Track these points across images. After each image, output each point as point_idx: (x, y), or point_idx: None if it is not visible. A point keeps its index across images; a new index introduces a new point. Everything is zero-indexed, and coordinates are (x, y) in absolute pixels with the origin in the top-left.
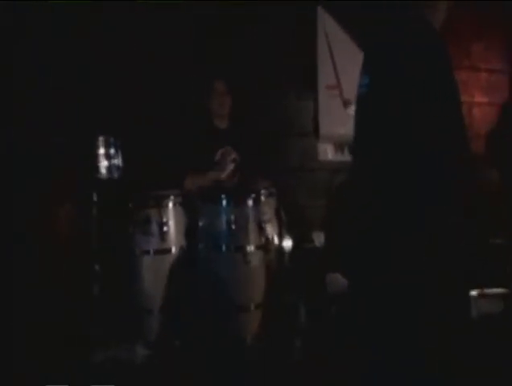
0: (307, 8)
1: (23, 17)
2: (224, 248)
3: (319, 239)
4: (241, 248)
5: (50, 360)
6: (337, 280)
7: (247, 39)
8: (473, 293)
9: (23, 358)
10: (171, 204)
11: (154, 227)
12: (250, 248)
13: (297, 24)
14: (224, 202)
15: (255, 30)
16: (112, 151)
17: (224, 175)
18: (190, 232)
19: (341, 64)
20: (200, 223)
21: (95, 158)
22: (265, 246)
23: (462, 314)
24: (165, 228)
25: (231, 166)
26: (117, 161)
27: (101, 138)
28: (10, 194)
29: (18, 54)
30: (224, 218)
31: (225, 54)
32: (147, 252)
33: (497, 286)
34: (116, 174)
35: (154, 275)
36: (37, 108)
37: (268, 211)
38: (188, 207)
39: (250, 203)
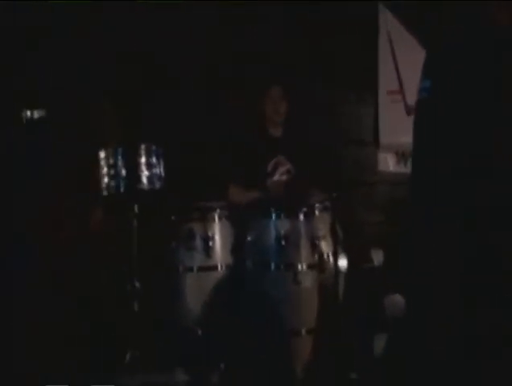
0: (367, 5)
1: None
2: (272, 266)
3: (378, 257)
4: (291, 267)
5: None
6: (397, 302)
7: (303, 39)
8: None
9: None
10: (216, 217)
11: (199, 242)
12: (302, 266)
13: (357, 23)
14: (274, 215)
15: (311, 29)
16: (154, 160)
17: (275, 188)
18: (237, 247)
19: (405, 67)
20: (248, 239)
21: (136, 167)
22: (318, 265)
23: None
24: (210, 243)
25: (283, 178)
26: (159, 170)
27: (142, 146)
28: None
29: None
30: (273, 233)
31: (281, 56)
32: (191, 269)
33: None
34: (158, 185)
35: (197, 294)
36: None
37: (322, 227)
38: (235, 221)
39: (303, 217)
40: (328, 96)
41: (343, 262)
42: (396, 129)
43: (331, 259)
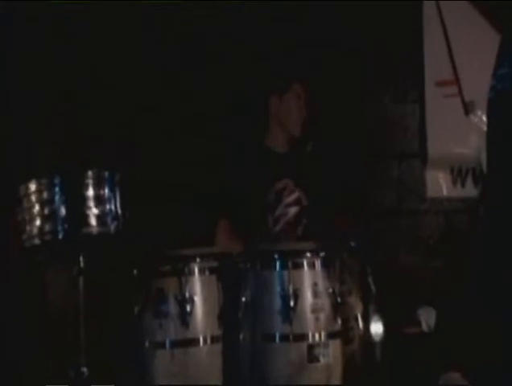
0: None
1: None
2: (278, 337)
3: (428, 320)
4: (304, 338)
5: None
6: (456, 383)
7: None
8: None
9: None
10: (196, 271)
11: (172, 307)
12: (320, 336)
13: None
14: (278, 265)
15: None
16: (106, 192)
17: (279, 227)
18: (226, 312)
19: (461, 49)
20: (243, 300)
21: (81, 203)
22: (343, 333)
23: None
24: (188, 308)
25: (292, 211)
26: (115, 206)
27: (89, 173)
28: None
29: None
30: (278, 290)
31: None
32: (162, 345)
33: None
34: (113, 227)
35: (173, 379)
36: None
37: (347, 278)
38: (224, 275)
39: (320, 266)
40: (353, 93)
41: (377, 327)
42: (450, 135)
43: (360, 324)
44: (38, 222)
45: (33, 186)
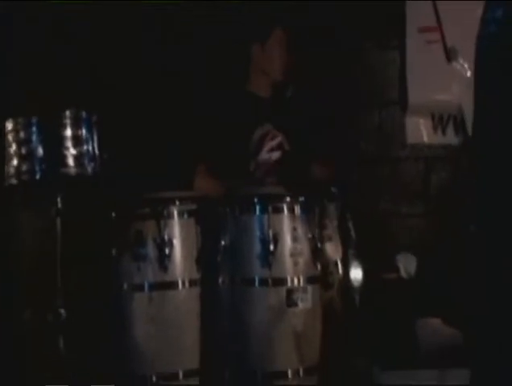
0: None
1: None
2: (257, 281)
3: (407, 266)
4: (283, 282)
5: None
6: (435, 328)
7: None
8: None
9: None
10: (175, 213)
11: (151, 250)
12: (298, 281)
13: None
14: (258, 209)
15: None
16: (84, 133)
17: (261, 173)
18: (205, 256)
19: None
20: (222, 243)
21: (59, 143)
22: (321, 278)
23: None
24: (167, 251)
25: (273, 156)
26: (92, 147)
27: (67, 113)
28: None
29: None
30: (257, 234)
31: None
32: (140, 288)
33: None
34: (90, 168)
35: (150, 323)
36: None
37: (328, 224)
38: (203, 219)
39: (299, 210)
40: (334, 39)
41: (357, 273)
42: (432, 82)
43: (339, 269)
44: (15, 162)
45: (9, 126)
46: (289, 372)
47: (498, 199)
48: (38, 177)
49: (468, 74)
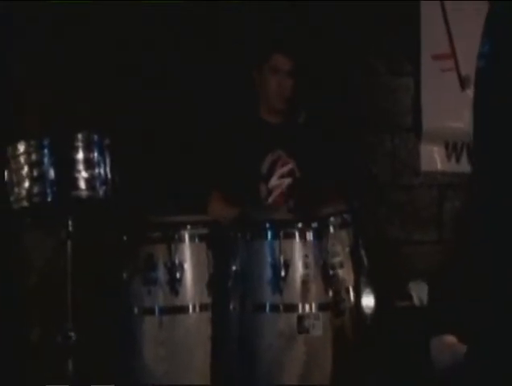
0: None
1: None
2: (268, 307)
3: (419, 293)
4: (294, 308)
5: None
6: (450, 346)
7: None
8: None
9: None
10: (187, 238)
11: (162, 274)
12: (310, 307)
13: None
14: (270, 235)
15: None
16: (96, 156)
17: (272, 199)
18: (216, 280)
19: (459, 24)
20: (233, 268)
21: (71, 166)
22: (333, 305)
23: None
24: (178, 275)
25: (284, 182)
26: (104, 170)
27: (79, 136)
28: None
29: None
30: (268, 260)
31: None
32: (151, 312)
33: None
34: (102, 191)
35: (160, 347)
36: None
37: (339, 250)
38: (214, 243)
39: (311, 237)
40: (349, 65)
41: (368, 300)
42: (446, 109)
43: (351, 296)
44: (26, 184)
45: (21, 148)
46: None
47: (503, 214)
48: (49, 199)
49: None
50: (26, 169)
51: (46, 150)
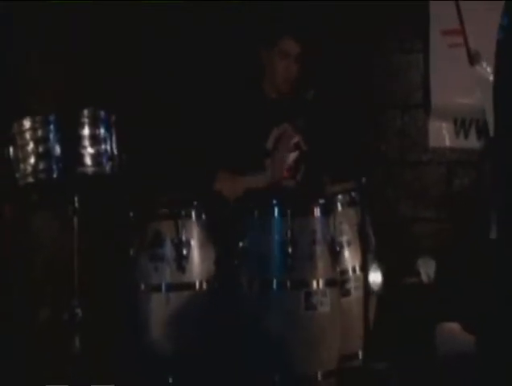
0: None
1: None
2: (275, 284)
3: (427, 270)
4: (302, 285)
5: None
6: (454, 334)
7: None
8: None
9: None
10: (194, 215)
11: (169, 250)
12: (317, 284)
13: None
14: (277, 212)
15: None
16: (102, 132)
17: (278, 174)
18: (223, 257)
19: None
20: (240, 245)
21: (77, 142)
22: (341, 281)
23: None
24: (185, 252)
25: (291, 157)
26: (110, 146)
27: (85, 112)
28: None
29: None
30: (276, 237)
31: None
32: (158, 288)
33: None
34: (108, 167)
35: (167, 323)
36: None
37: (347, 228)
38: (221, 220)
39: (319, 214)
40: (357, 42)
41: (376, 277)
42: (455, 85)
43: (358, 273)
44: (32, 160)
45: (27, 124)
46: (307, 376)
47: None
48: (55, 176)
49: (491, 78)
50: (31, 145)
51: (52, 126)
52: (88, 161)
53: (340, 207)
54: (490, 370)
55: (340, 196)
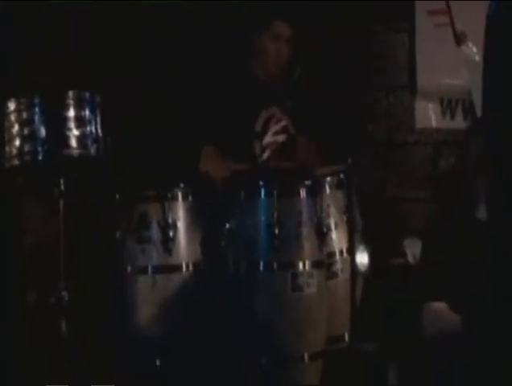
0: None
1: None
2: (262, 265)
3: (413, 250)
4: (288, 266)
5: None
6: (441, 314)
7: None
8: None
9: None
10: (180, 196)
11: (155, 232)
12: (304, 265)
13: None
14: (263, 193)
15: None
16: (87, 113)
17: (265, 156)
18: (210, 239)
19: None
20: (227, 226)
21: (62, 123)
22: (328, 263)
23: None
24: (171, 233)
25: (278, 139)
26: (95, 128)
27: (70, 94)
28: None
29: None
30: (263, 218)
31: None
32: (144, 270)
33: None
34: (93, 149)
35: (154, 306)
36: None
37: (333, 210)
38: (208, 202)
39: (305, 195)
40: (342, 22)
41: (362, 258)
42: (441, 66)
43: (345, 254)
44: (17, 142)
45: (12, 106)
46: (294, 357)
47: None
48: (40, 158)
49: (477, 58)
50: (16, 127)
51: (37, 108)
52: (73, 143)
53: (328, 190)
54: (477, 350)
55: (328, 178)
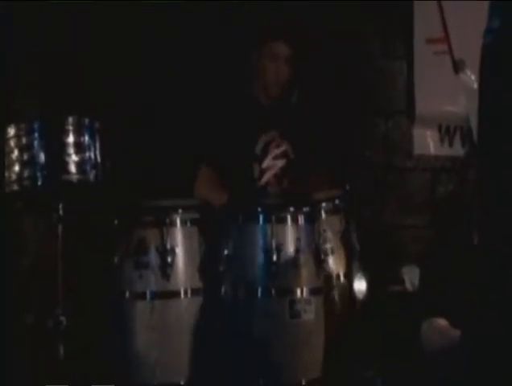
0: None
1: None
2: (260, 291)
3: (412, 278)
4: (286, 293)
5: None
6: (441, 330)
7: None
8: None
9: None
10: (178, 222)
11: (153, 258)
12: (302, 292)
13: None
14: (262, 219)
15: None
16: (86, 139)
17: (264, 180)
18: (208, 265)
19: (452, 8)
20: (225, 253)
21: (61, 149)
22: (325, 290)
23: None
24: (169, 259)
25: (277, 164)
26: (94, 154)
27: (69, 120)
28: None
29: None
30: (260, 244)
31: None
32: (142, 296)
33: None
34: (92, 175)
35: (152, 331)
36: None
37: (331, 237)
38: (206, 227)
39: (303, 221)
40: (341, 49)
41: (360, 285)
42: (439, 93)
43: (342, 281)
44: (16, 168)
45: (12, 131)
46: (291, 383)
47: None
48: (39, 183)
49: (476, 86)
50: (16, 152)
51: (36, 134)
52: (72, 168)
53: (324, 215)
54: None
55: (324, 204)
